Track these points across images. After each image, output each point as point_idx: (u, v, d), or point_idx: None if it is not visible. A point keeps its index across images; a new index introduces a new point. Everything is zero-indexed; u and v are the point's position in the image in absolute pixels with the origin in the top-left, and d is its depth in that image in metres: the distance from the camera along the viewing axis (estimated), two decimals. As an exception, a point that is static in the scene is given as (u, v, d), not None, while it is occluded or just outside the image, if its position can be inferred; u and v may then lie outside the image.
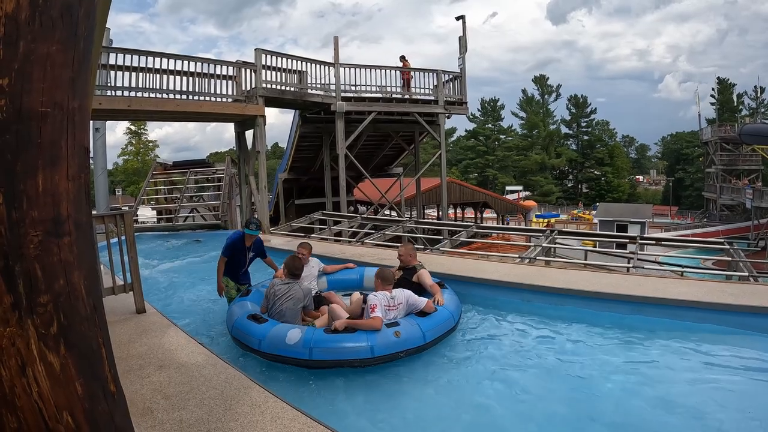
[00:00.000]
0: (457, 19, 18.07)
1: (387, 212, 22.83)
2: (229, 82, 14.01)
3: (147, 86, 12.40)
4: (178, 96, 12.91)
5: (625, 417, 3.87)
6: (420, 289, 5.97)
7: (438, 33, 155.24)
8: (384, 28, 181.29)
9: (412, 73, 17.70)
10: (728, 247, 9.17)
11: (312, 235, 12.97)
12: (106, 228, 5.50)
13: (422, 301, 5.39)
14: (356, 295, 6.11)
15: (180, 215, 16.70)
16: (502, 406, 4.12)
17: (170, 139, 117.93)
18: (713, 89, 65.35)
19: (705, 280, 7.02)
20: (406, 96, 17.47)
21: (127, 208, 18.82)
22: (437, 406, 4.18)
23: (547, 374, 4.69)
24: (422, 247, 12.04)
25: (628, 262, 9.30)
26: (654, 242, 11.02)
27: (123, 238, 5.55)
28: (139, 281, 5.68)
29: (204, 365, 4.08)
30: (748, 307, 5.50)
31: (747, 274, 7.34)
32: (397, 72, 17.57)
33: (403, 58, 18.21)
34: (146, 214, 19.45)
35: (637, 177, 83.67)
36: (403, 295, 5.41)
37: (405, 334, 4.87)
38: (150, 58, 12.54)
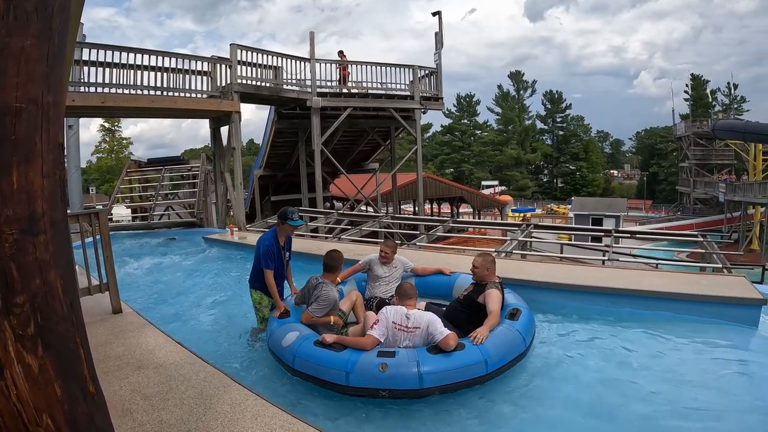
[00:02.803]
0: (434, 14, 18.12)
1: (363, 208, 22.82)
2: (204, 77, 13.79)
3: (121, 82, 12.18)
4: (152, 92, 12.71)
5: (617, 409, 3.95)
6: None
7: (416, 28, 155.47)
8: (362, 24, 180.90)
9: (348, 68, 17.52)
10: (702, 239, 9.34)
11: (290, 232, 12.89)
12: (81, 227, 5.37)
13: (441, 334, 4.09)
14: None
15: (155, 213, 16.44)
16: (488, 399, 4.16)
17: (145, 136, 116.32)
18: (687, 85, 66.24)
19: (679, 272, 7.15)
20: (344, 90, 17.23)
21: (101, 207, 18.50)
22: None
23: (530, 368, 4.74)
24: (399, 242, 12.06)
25: (604, 255, 9.42)
26: (629, 235, 11.20)
27: (98, 237, 5.47)
28: (114, 281, 5.59)
29: (182, 364, 4.03)
30: (721, 297, 5.64)
31: (720, 265, 7.48)
32: (374, 67, 17.48)
33: (341, 53, 18.09)
34: (121, 212, 19.13)
35: (612, 171, 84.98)
36: (423, 318, 4.29)
37: (394, 370, 3.85)
38: (124, 54, 12.31)
